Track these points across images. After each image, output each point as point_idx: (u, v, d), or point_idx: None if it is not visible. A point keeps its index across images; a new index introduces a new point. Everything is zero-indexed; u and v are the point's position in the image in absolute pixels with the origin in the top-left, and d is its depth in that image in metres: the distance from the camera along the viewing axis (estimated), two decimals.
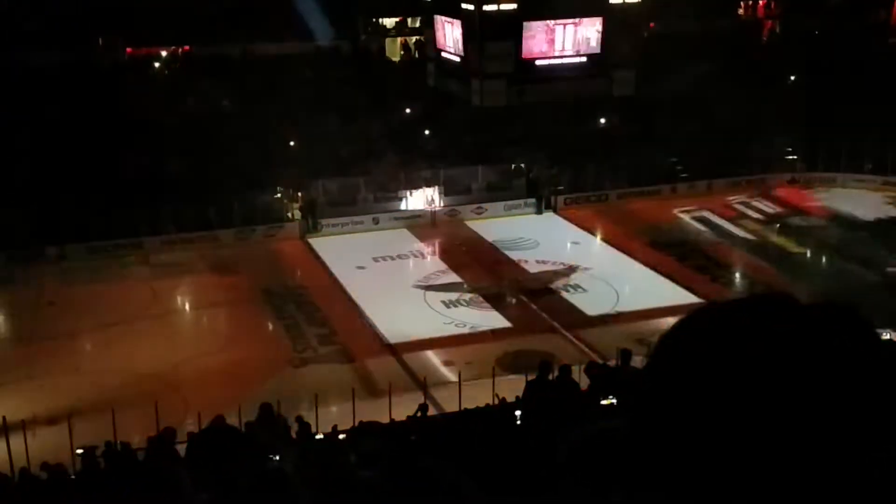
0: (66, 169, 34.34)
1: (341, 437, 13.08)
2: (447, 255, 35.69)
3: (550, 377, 12.82)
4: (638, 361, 15.23)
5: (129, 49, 49.15)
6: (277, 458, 6.60)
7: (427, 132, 43.65)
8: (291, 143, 40.35)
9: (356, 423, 14.67)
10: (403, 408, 17.80)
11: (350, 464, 6.45)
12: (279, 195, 38.92)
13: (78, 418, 20.46)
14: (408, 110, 44.73)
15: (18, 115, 37.47)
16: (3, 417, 19.50)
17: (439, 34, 40.49)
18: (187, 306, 32.41)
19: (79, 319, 28.75)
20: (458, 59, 39.02)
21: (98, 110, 38.60)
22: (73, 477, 14.92)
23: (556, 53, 36.76)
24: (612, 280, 31.98)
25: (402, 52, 52.35)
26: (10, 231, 33.60)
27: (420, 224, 38.76)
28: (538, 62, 36.84)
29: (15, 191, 33.48)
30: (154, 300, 30.84)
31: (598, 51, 37.08)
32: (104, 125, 37.34)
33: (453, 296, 30.89)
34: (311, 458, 7.04)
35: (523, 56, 36.23)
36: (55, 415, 21.56)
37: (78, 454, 17.07)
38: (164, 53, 49.63)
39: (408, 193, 39.78)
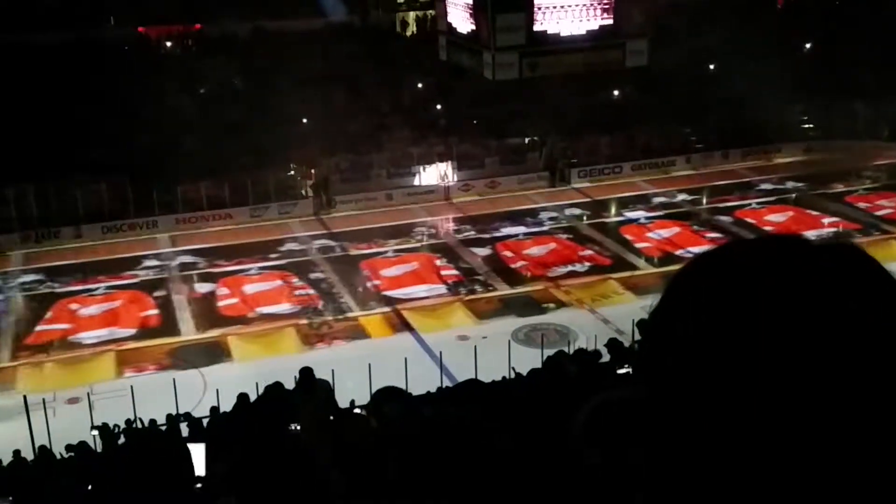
0: (80, 148, 34.39)
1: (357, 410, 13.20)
2: (461, 230, 35.67)
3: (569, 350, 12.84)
4: None
5: (140, 28, 49.07)
6: (297, 426, 6.62)
7: (439, 107, 43.45)
8: (304, 121, 40.25)
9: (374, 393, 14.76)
10: (421, 382, 17.85)
11: (369, 429, 6.47)
12: (292, 172, 38.91)
13: (97, 396, 20.69)
14: (420, 85, 44.52)
15: (31, 94, 37.55)
16: (24, 396, 19.69)
17: (450, 7, 40.17)
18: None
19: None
20: (469, 32, 38.69)
21: (110, 89, 38.58)
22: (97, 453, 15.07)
23: (569, 25, 36.37)
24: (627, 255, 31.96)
25: (414, 27, 52.02)
26: (26, 211, 33.81)
27: (433, 199, 38.69)
28: (550, 34, 36.48)
29: (29, 170, 33.58)
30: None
31: (610, 21, 36.68)
32: (116, 104, 37.32)
33: (469, 269, 30.96)
34: (330, 424, 7.06)
35: (535, 28, 35.92)
36: (75, 393, 21.85)
37: (92, 434, 17.20)
38: (174, 32, 49.50)
39: (421, 169, 39.67)
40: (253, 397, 13.65)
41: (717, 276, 1.01)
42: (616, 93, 44.30)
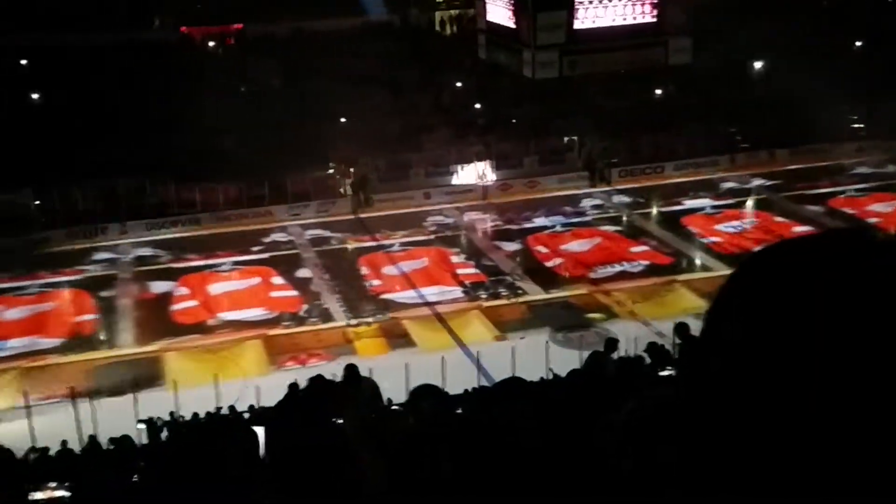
0: (123, 147, 34.85)
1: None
2: (497, 230, 35.50)
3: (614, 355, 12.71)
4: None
5: (182, 28, 49.70)
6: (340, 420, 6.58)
7: (478, 106, 43.35)
8: (342, 120, 40.40)
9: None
10: (456, 382, 17.75)
11: (407, 426, 6.40)
12: (331, 171, 39.04)
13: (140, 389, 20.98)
14: (458, 84, 44.47)
15: (76, 94, 38.21)
16: (72, 388, 20.01)
17: (490, 6, 40.11)
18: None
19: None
20: (509, 30, 38.61)
21: (153, 89, 39.11)
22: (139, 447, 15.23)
23: (610, 22, 36.12)
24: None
25: (453, 26, 52.00)
26: (72, 208, 34.37)
27: (471, 198, 38.56)
28: (591, 32, 36.26)
29: (75, 169, 34.10)
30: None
31: (653, 19, 36.38)
32: (159, 103, 37.80)
33: (505, 269, 30.70)
34: (371, 421, 7.00)
35: (576, 26, 35.74)
36: (119, 386, 22.15)
37: (138, 428, 17.47)
38: (217, 32, 50.05)
39: (459, 168, 39.59)
40: None
41: (770, 275, 0.93)
42: (658, 91, 43.81)
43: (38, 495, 7.90)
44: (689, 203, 35.93)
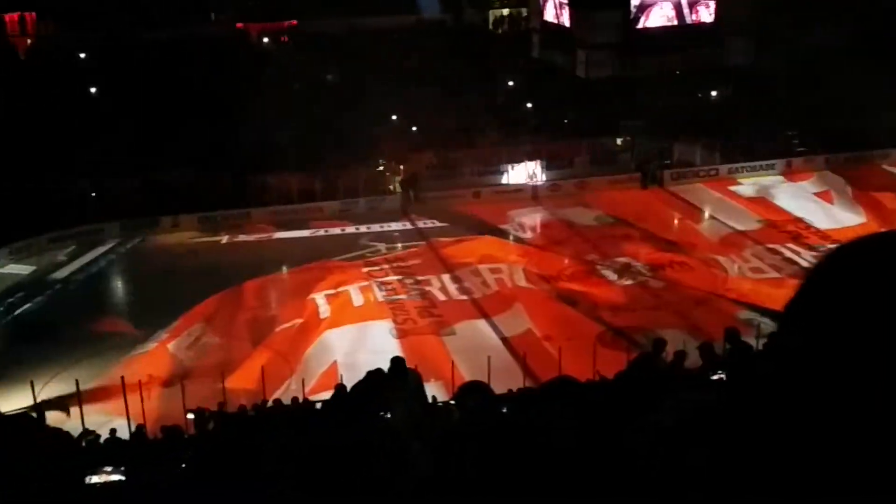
0: (177, 141, 35.33)
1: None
2: (548, 230, 35.27)
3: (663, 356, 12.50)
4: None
5: (238, 24, 50.29)
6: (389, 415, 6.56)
7: (530, 105, 43.14)
8: (394, 117, 40.50)
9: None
10: (502, 381, 17.67)
11: (452, 421, 6.34)
12: (381, 168, 39.17)
13: (189, 381, 21.22)
14: (511, 83, 44.31)
15: (133, 88, 38.87)
16: (122, 377, 20.29)
17: (544, 5, 39.91)
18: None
19: (202, 287, 28.81)
20: (563, 30, 38.40)
21: (208, 84, 39.63)
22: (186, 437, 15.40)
23: (667, 22, 35.72)
24: (722, 259, 30.99)
25: (506, 24, 51.86)
26: (126, 200, 34.92)
27: (521, 198, 38.38)
28: (647, 32, 35.89)
29: (131, 162, 34.66)
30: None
31: (711, 19, 35.86)
32: (214, 99, 38.27)
33: (553, 271, 30.46)
34: (418, 414, 6.98)
35: (632, 25, 35.39)
36: (169, 377, 22.44)
37: (189, 417, 17.75)
38: (272, 28, 50.56)
39: (509, 167, 39.43)
40: None
41: (833, 281, 0.91)
42: (714, 93, 43.13)
43: (94, 478, 8.00)
44: None
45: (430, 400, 11.74)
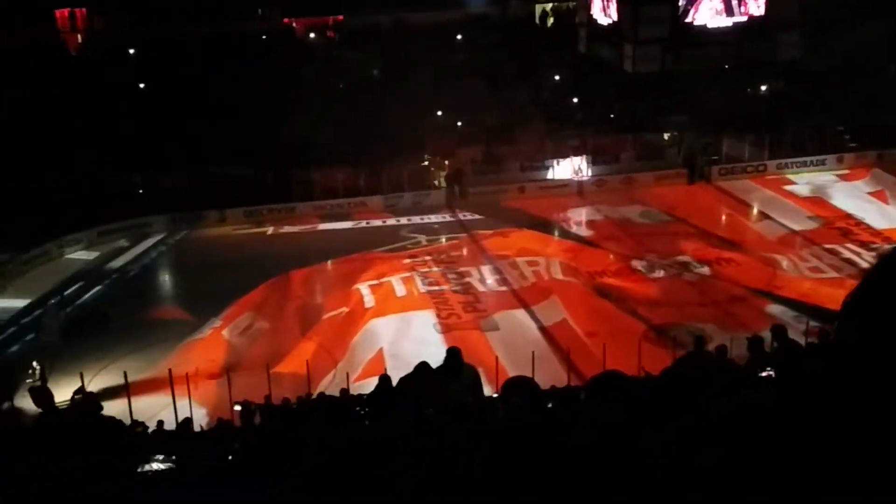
0: (224, 136, 35.73)
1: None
2: (593, 226, 35.04)
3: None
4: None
5: (285, 19, 50.64)
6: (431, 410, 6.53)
7: (576, 100, 42.86)
8: (439, 113, 40.51)
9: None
10: (547, 377, 17.62)
11: (497, 416, 6.33)
12: (426, 163, 39.22)
13: (240, 368, 21.54)
14: (557, 77, 44.05)
15: (180, 84, 39.38)
16: (170, 370, 20.57)
17: None
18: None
19: (239, 279, 29.32)
20: (610, 24, 38.06)
21: (254, 79, 40.00)
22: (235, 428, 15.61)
23: (716, 16, 35.21)
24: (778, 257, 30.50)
25: (553, 18, 51.57)
26: (173, 195, 35.43)
27: (566, 194, 38.18)
28: (696, 26, 35.43)
29: (178, 156, 35.15)
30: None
31: (761, 12, 35.27)
32: (260, 93, 38.63)
33: (598, 268, 30.26)
34: (466, 410, 6.91)
35: (680, 20, 34.97)
36: (215, 370, 22.72)
37: (236, 409, 17.96)
38: (318, 23, 50.86)
39: (555, 162, 39.23)
40: None
41: (888, 280, 0.89)
42: (763, 87, 42.45)
43: (145, 467, 8.16)
44: None
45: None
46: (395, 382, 21.30)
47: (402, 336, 24.92)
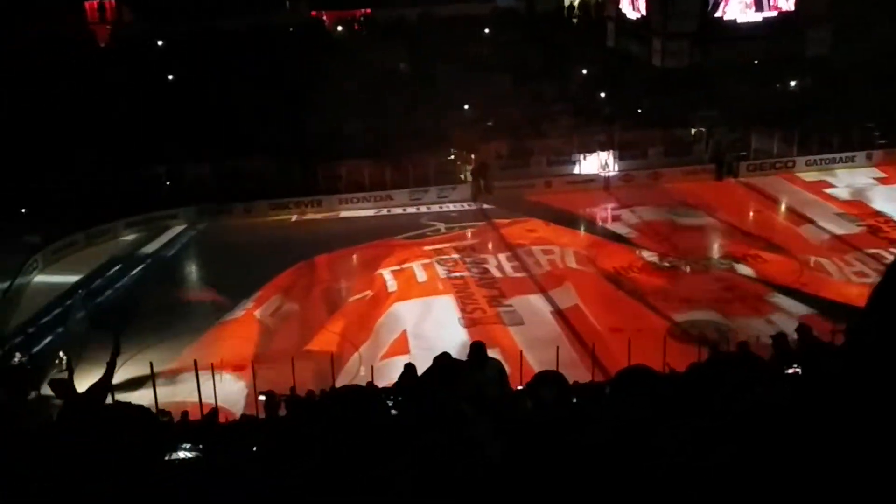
0: (251, 128, 35.92)
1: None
2: (620, 222, 34.88)
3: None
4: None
5: (313, 12, 50.84)
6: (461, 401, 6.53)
7: (603, 95, 42.66)
8: (465, 107, 40.47)
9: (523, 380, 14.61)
10: (570, 372, 17.57)
11: (524, 411, 6.32)
12: (452, 157, 39.21)
13: (259, 365, 21.63)
14: (584, 72, 43.87)
15: (208, 76, 39.64)
16: (195, 361, 20.72)
17: None
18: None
19: (267, 264, 29.92)
20: (639, 18, 37.83)
21: (282, 72, 40.19)
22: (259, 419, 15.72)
23: (745, 10, 34.90)
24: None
25: (581, 13, 51.35)
26: (199, 188, 35.67)
27: (593, 189, 38.04)
28: (725, 21, 35.12)
29: (205, 149, 35.37)
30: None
31: (791, 7, 34.91)
32: (288, 86, 38.80)
33: (624, 263, 30.14)
34: (490, 404, 6.89)
35: (710, 14, 34.69)
36: (240, 361, 22.93)
37: (260, 399, 18.10)
38: (346, 16, 50.99)
39: (581, 157, 39.08)
40: None
41: None
42: (793, 83, 42.02)
43: (172, 455, 8.26)
44: None
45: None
46: (418, 365, 22.07)
47: (424, 319, 25.81)
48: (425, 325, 25.20)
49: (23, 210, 30.78)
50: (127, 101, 37.09)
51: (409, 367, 13.23)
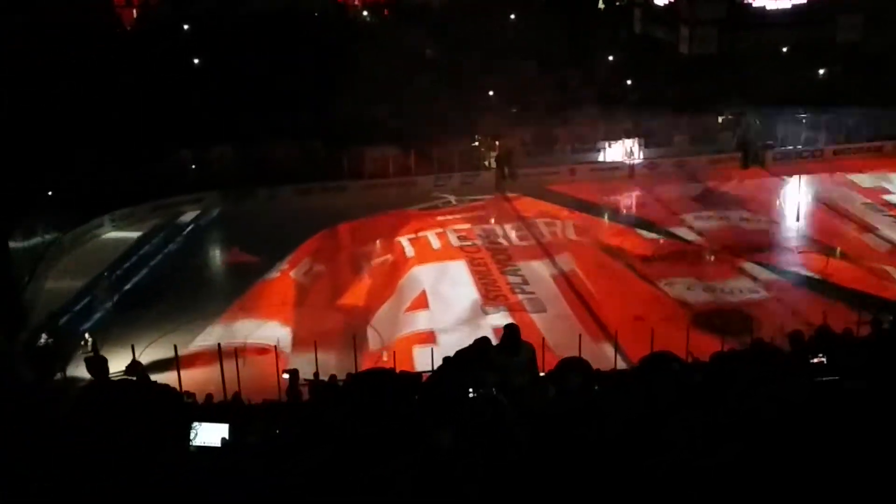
0: (277, 112, 35.96)
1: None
2: (644, 209, 34.65)
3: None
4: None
5: None
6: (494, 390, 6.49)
7: (630, 82, 42.30)
8: (490, 93, 40.28)
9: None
10: (594, 359, 17.48)
11: (546, 398, 6.31)
12: (477, 143, 39.08)
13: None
14: (611, 58, 43.52)
15: (233, 60, 39.68)
16: (219, 344, 20.84)
17: None
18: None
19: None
20: (666, 4, 37.45)
21: (309, 57, 40.16)
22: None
23: None
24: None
25: None
26: (225, 171, 35.79)
27: (617, 177, 37.79)
28: (754, 7, 34.68)
29: (231, 133, 35.47)
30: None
31: None
32: (314, 71, 38.78)
33: (648, 251, 29.96)
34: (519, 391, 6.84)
35: (738, 0, 34.27)
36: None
37: (284, 377, 18.24)
38: (371, 2, 50.86)
39: (606, 145, 38.82)
40: None
41: None
42: (822, 71, 41.45)
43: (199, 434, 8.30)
44: None
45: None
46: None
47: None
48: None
49: (49, 193, 30.99)
50: (153, 84, 37.20)
51: (447, 361, 13.20)
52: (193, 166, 36.49)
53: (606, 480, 2.83)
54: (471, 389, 5.82)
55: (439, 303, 25.90)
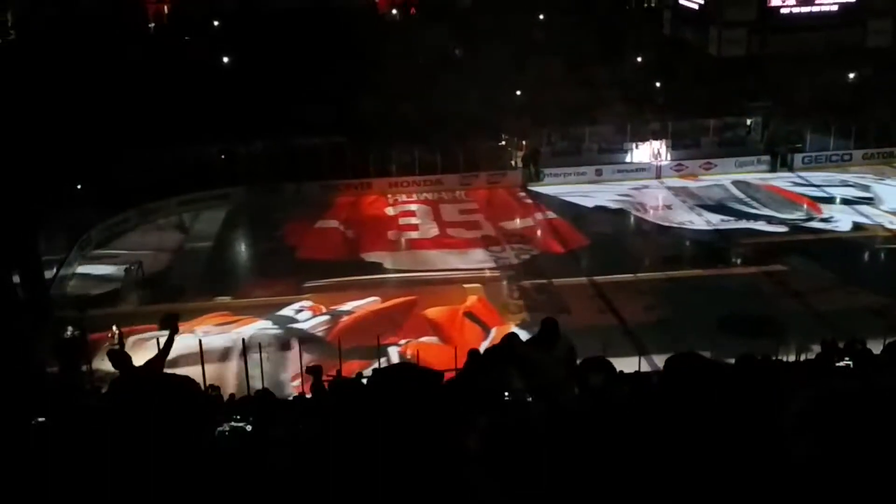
0: (303, 107, 36.12)
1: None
2: (663, 210, 34.48)
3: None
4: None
5: None
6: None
7: (658, 83, 42.09)
8: (518, 92, 40.21)
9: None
10: (617, 361, 17.42)
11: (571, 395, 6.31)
12: (503, 142, 39.03)
13: (306, 346, 21.86)
14: (639, 59, 43.33)
15: (262, 56, 39.89)
16: (243, 339, 21.01)
17: None
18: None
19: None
20: (696, 6, 37.23)
21: (336, 54, 40.30)
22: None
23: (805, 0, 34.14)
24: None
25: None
26: (252, 166, 35.99)
27: (644, 178, 37.62)
28: (783, 10, 34.42)
29: (258, 128, 35.67)
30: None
31: None
32: (341, 68, 38.91)
33: (668, 253, 29.84)
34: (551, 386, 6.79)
35: (768, 2, 34.01)
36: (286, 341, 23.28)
37: (306, 372, 18.31)
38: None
39: (633, 146, 38.65)
40: None
41: None
42: (852, 74, 41.03)
43: (224, 427, 8.42)
44: None
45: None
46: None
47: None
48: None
49: (78, 186, 31.30)
50: (181, 80, 37.48)
51: (473, 354, 13.17)
52: (223, 156, 36.61)
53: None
54: (501, 391, 5.82)
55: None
